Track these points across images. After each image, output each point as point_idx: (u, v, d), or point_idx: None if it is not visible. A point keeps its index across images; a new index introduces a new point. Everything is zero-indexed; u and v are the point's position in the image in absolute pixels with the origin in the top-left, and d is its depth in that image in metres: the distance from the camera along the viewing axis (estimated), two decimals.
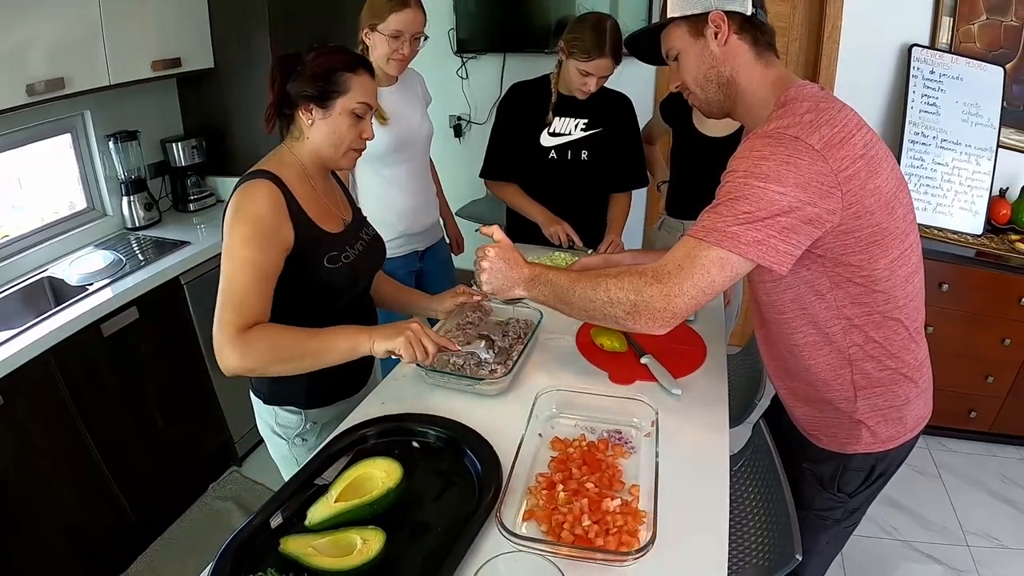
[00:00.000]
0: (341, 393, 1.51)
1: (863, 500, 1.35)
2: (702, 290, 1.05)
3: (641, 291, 1.08)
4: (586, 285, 1.16)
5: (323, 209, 1.38)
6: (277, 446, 1.52)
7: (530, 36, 3.23)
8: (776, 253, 1.02)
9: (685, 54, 1.20)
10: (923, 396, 1.27)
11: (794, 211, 1.00)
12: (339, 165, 1.41)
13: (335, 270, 1.36)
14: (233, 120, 2.70)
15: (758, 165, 1.02)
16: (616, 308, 1.11)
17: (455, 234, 2.53)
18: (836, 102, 1.09)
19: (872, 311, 1.13)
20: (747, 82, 1.17)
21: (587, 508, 1.01)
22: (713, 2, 1.14)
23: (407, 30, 1.85)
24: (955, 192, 2.82)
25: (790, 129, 1.02)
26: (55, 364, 1.83)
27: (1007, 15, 2.75)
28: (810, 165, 0.99)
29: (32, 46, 1.92)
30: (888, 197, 1.06)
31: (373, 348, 1.24)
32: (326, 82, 1.29)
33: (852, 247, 1.06)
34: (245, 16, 2.50)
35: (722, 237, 1.02)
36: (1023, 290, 2.57)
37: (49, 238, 2.31)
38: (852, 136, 1.03)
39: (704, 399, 1.37)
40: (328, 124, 1.32)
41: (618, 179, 2.23)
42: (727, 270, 1.04)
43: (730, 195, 1.04)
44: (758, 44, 1.16)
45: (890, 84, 2.92)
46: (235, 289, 1.20)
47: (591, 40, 1.90)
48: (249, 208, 1.24)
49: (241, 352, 1.17)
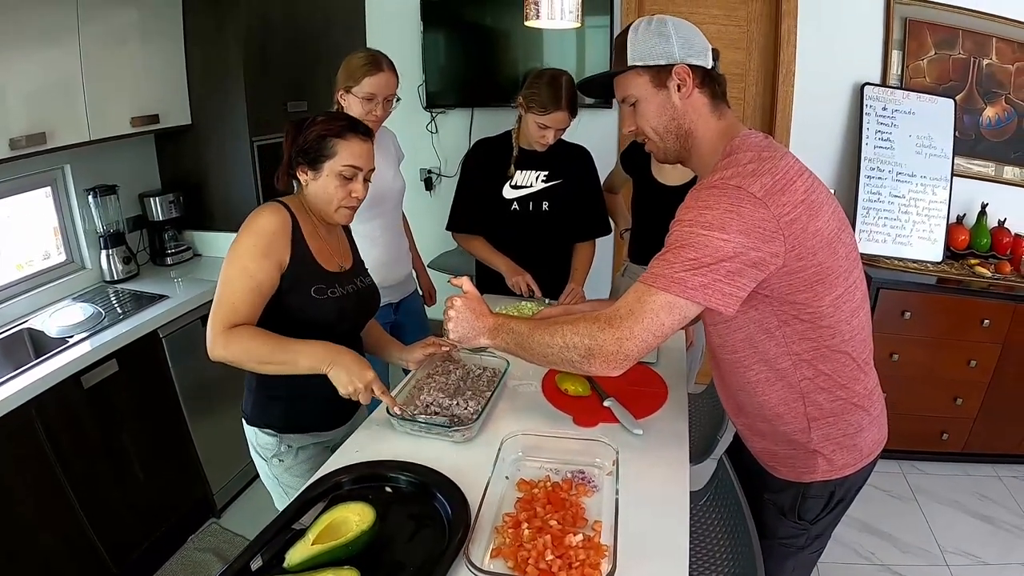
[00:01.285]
0: (319, 426, 1.60)
1: (825, 526, 1.38)
2: (652, 333, 1.11)
3: (595, 336, 1.13)
4: (544, 332, 1.21)
5: (323, 249, 1.51)
6: (259, 464, 1.62)
7: (497, 91, 3.33)
8: (722, 295, 1.07)
9: (645, 102, 1.24)
10: (876, 423, 1.31)
11: (738, 256, 1.06)
12: (334, 220, 1.52)
13: (321, 301, 1.46)
14: (210, 175, 2.76)
15: (703, 214, 1.08)
16: (572, 352, 1.16)
17: (427, 286, 2.58)
18: (778, 150, 1.16)
19: (819, 346, 1.19)
20: (702, 133, 1.23)
21: (550, 544, 1.05)
22: (678, 55, 1.19)
23: (380, 93, 1.93)
24: (913, 222, 2.93)
25: (733, 179, 1.09)
26: (36, 415, 1.84)
27: (955, 49, 2.89)
28: (752, 212, 1.06)
29: (15, 101, 1.98)
30: (830, 238, 1.12)
31: (328, 374, 1.38)
32: (316, 148, 1.44)
33: (797, 286, 1.12)
34: (221, 75, 2.58)
35: (670, 283, 1.08)
36: (986, 312, 2.66)
37: (28, 290, 2.33)
38: (793, 183, 1.09)
39: (665, 437, 1.42)
40: (319, 184, 1.47)
41: (580, 228, 2.30)
42: (675, 314, 1.10)
43: (677, 243, 1.10)
44: (715, 97, 1.23)
45: (845, 122, 3.04)
46: (230, 292, 1.37)
47: (548, 95, 1.99)
48: (257, 223, 1.41)
49: (223, 345, 1.34)
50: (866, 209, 2.93)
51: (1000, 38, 2.85)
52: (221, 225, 2.78)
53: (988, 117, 2.96)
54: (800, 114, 3.05)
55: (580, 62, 3.24)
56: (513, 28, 3.24)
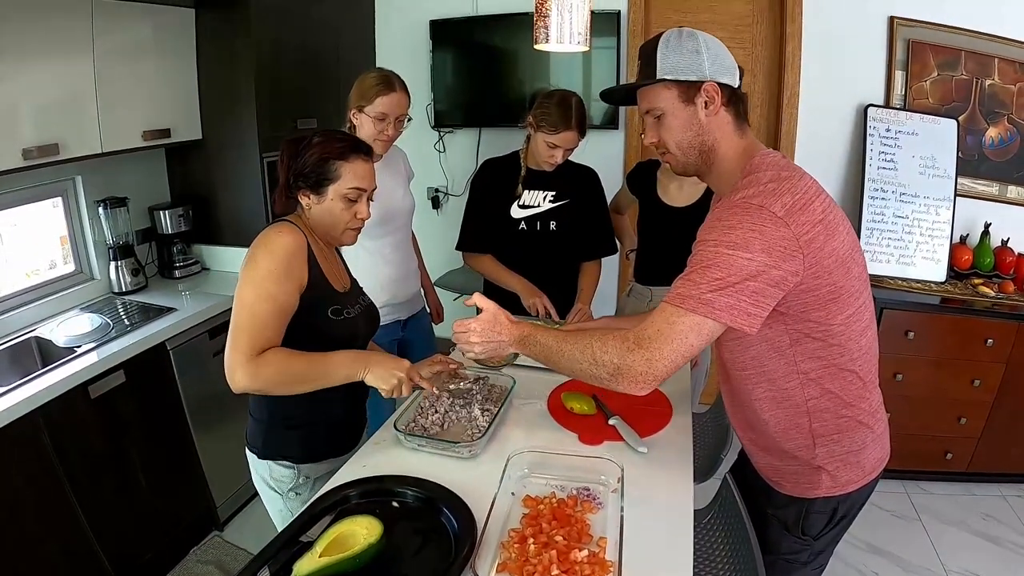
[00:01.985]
0: (333, 451, 1.56)
1: (828, 542, 1.39)
2: (680, 354, 1.12)
3: (624, 356, 1.14)
4: (573, 347, 1.22)
5: (330, 270, 1.50)
6: (272, 500, 1.57)
7: (504, 111, 3.36)
8: (747, 316, 1.09)
9: (672, 116, 1.23)
10: (879, 440, 1.33)
11: (761, 275, 1.08)
12: (340, 242, 1.52)
13: (337, 322, 1.46)
14: (219, 191, 2.79)
15: (727, 234, 1.10)
16: (600, 370, 1.17)
17: (435, 303, 2.60)
18: (797, 170, 1.18)
19: (829, 364, 1.21)
20: (724, 151, 1.24)
21: (556, 559, 1.06)
22: (708, 72, 1.19)
23: (392, 112, 1.95)
24: (917, 243, 2.94)
25: (755, 198, 1.10)
26: (42, 423, 1.85)
27: (957, 70, 2.92)
28: (774, 231, 1.08)
29: (29, 112, 2.02)
30: (844, 258, 1.15)
31: (366, 379, 1.39)
32: (318, 171, 1.41)
33: (812, 304, 1.14)
34: (233, 91, 2.62)
35: (698, 304, 1.10)
36: (989, 331, 2.67)
37: (37, 299, 2.35)
38: (811, 203, 1.11)
39: (670, 456, 1.43)
40: (323, 208, 1.44)
41: (587, 248, 2.32)
42: (703, 334, 1.11)
43: (702, 263, 1.11)
44: (739, 116, 1.24)
45: (848, 143, 3.07)
46: (254, 317, 1.32)
47: (558, 114, 2.01)
48: (275, 244, 1.37)
49: (252, 374, 1.30)
50: (870, 229, 2.94)
51: (1002, 58, 2.88)
52: (230, 240, 2.81)
53: (991, 137, 2.98)
54: (804, 135, 3.08)
55: (587, 83, 3.27)
56: (521, 49, 3.28)
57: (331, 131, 1.48)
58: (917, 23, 2.89)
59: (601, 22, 3.00)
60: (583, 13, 1.67)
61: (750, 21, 3.08)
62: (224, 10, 2.55)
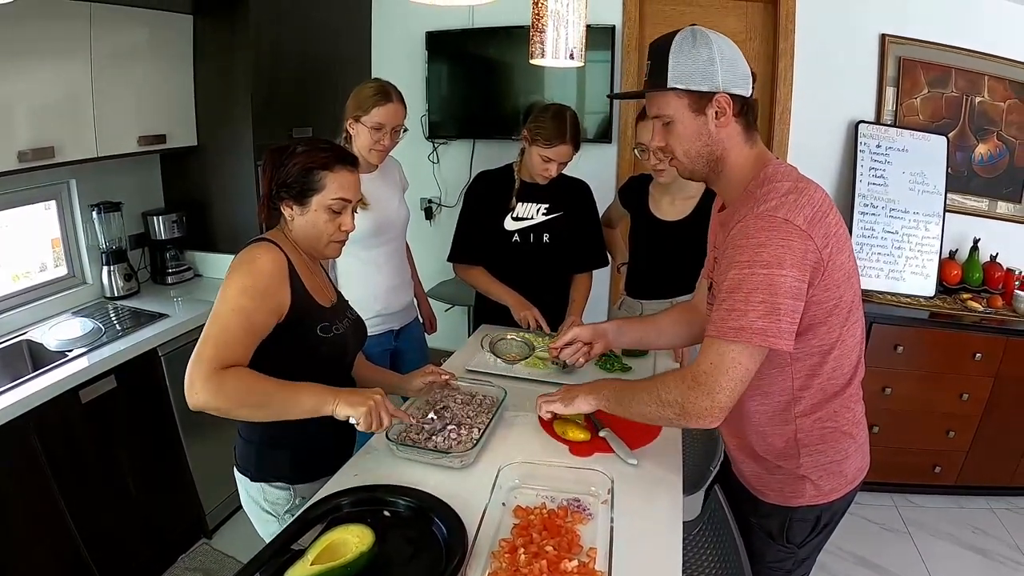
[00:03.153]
0: (327, 468, 1.49)
1: (811, 550, 1.40)
2: (739, 381, 1.14)
3: (686, 395, 1.16)
4: (639, 398, 1.27)
5: (315, 285, 1.45)
6: (265, 523, 1.51)
7: (498, 123, 3.39)
8: (789, 335, 1.11)
9: (681, 124, 1.22)
10: (861, 450, 1.35)
11: (793, 289, 1.09)
12: (324, 255, 1.48)
13: (327, 339, 1.42)
14: (213, 197, 2.79)
15: (759, 253, 1.10)
16: (668, 410, 1.20)
17: (428, 314, 2.60)
18: (810, 181, 1.19)
19: (822, 379, 1.23)
20: (734, 160, 1.23)
21: (546, 569, 1.07)
22: (720, 83, 1.17)
23: (388, 123, 1.97)
24: (906, 258, 2.97)
25: (779, 211, 1.10)
26: (32, 428, 1.84)
27: (947, 87, 2.96)
28: (800, 245, 1.09)
29: (24, 115, 2.02)
30: (849, 272, 1.17)
31: (335, 411, 1.29)
32: (302, 181, 1.37)
33: (818, 317, 1.16)
34: (229, 99, 2.63)
35: (751, 335, 1.10)
36: (978, 346, 2.69)
37: (28, 302, 2.35)
38: (827, 215, 1.13)
39: (659, 468, 1.43)
40: (306, 219, 1.40)
41: (579, 260, 2.33)
42: (755, 358, 1.13)
43: (742, 287, 1.11)
44: (749, 126, 1.23)
45: (839, 159, 3.11)
46: (222, 330, 1.25)
47: (553, 128, 2.03)
48: (253, 264, 1.31)
49: (214, 390, 1.21)
50: (860, 245, 2.97)
51: (992, 76, 2.92)
52: (223, 246, 2.81)
53: (980, 154, 3.02)
54: (795, 151, 3.11)
55: (581, 96, 3.30)
56: (516, 62, 3.31)
57: (316, 140, 1.44)
58: (908, 41, 2.93)
59: (596, 36, 3.03)
60: (579, 28, 1.69)
61: (744, 37, 3.11)
62: (222, 17, 2.56)
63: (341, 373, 1.55)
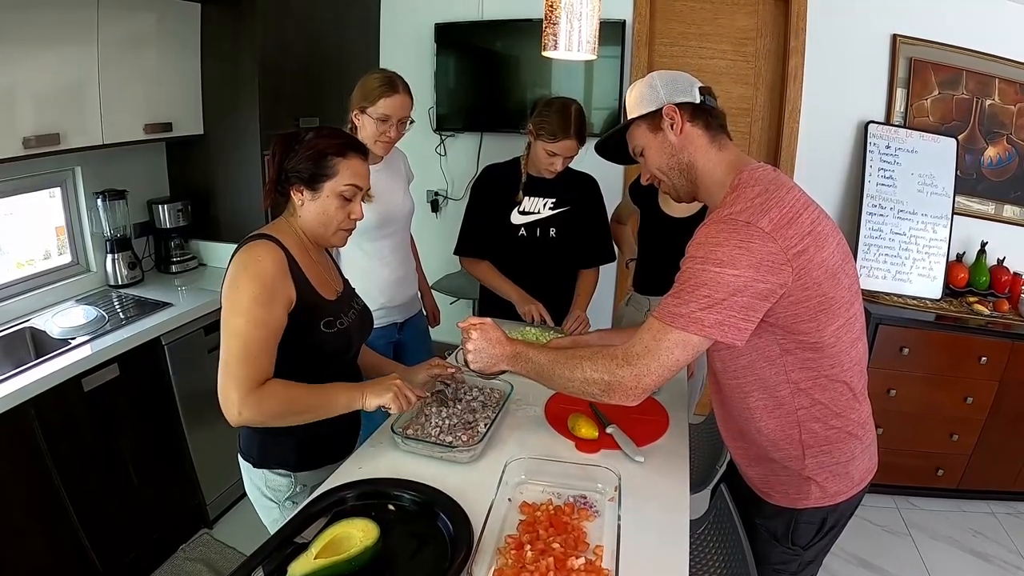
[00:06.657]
0: (329, 456, 1.52)
1: (817, 552, 1.40)
2: (668, 368, 1.16)
3: (614, 372, 1.19)
4: (564, 366, 1.27)
5: (319, 277, 1.44)
6: (267, 510, 1.53)
7: (506, 117, 3.36)
8: (735, 330, 1.12)
9: (648, 148, 1.33)
10: (867, 451, 1.34)
11: (747, 288, 1.10)
12: (330, 243, 1.47)
13: (331, 335, 1.42)
14: (219, 187, 2.78)
15: (714, 252, 1.12)
16: (592, 387, 1.22)
17: (432, 307, 2.59)
18: (786, 183, 1.20)
19: (819, 375, 1.22)
20: (704, 164, 1.29)
21: (553, 566, 1.06)
22: (664, 97, 1.28)
23: (395, 114, 1.94)
24: (913, 259, 2.96)
25: (742, 214, 1.13)
26: (34, 415, 1.84)
27: (958, 89, 2.94)
28: (761, 246, 1.10)
29: (30, 101, 2.00)
30: (834, 269, 1.16)
31: (365, 403, 1.37)
32: (315, 166, 1.36)
33: (802, 316, 1.16)
34: (236, 88, 2.62)
35: (688, 322, 1.13)
36: (983, 349, 2.68)
37: (31, 289, 2.34)
38: (799, 215, 1.13)
39: (666, 465, 1.43)
40: (317, 205, 1.39)
41: (585, 255, 2.32)
42: (689, 350, 1.15)
43: (690, 281, 1.14)
44: (711, 128, 1.30)
45: (848, 159, 3.08)
46: (245, 346, 1.27)
47: (557, 123, 2.02)
48: (256, 267, 1.31)
49: (253, 409, 1.27)
50: (867, 245, 2.96)
51: (1003, 79, 2.90)
52: (228, 236, 2.79)
53: (989, 157, 3.00)
54: (804, 150, 3.09)
55: (588, 90, 3.28)
56: (524, 56, 3.29)
57: (327, 127, 1.44)
58: (920, 42, 2.91)
59: (606, 31, 2.99)
60: (592, 21, 1.68)
61: (754, 35, 3.09)
62: (230, 5, 2.55)
63: (345, 366, 1.54)
